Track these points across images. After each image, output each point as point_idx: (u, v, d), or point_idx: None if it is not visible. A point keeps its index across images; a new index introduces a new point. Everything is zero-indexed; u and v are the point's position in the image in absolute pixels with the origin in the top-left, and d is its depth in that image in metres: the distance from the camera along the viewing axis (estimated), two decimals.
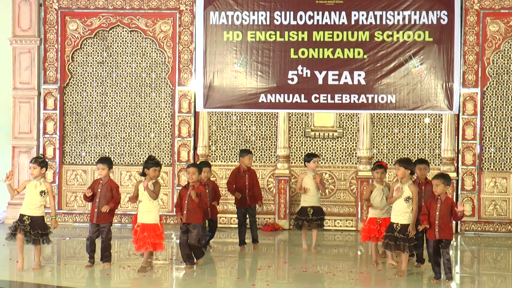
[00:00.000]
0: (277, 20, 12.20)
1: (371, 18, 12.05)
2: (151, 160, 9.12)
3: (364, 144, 12.30)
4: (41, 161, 8.96)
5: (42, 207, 8.91)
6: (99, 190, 9.13)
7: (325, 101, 12.12)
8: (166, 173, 12.43)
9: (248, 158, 10.50)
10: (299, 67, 12.17)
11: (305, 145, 12.59)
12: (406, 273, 8.70)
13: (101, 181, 9.19)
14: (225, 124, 12.68)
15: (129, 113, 12.64)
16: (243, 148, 12.14)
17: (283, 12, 12.18)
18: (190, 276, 8.75)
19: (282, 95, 12.19)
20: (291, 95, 12.17)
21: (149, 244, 8.86)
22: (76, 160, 12.69)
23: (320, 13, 12.12)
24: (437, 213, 8.31)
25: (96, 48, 12.64)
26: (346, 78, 12.08)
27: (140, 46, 12.59)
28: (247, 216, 10.53)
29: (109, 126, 12.67)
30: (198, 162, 11.34)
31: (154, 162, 9.10)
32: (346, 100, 12.08)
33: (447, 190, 8.48)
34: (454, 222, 8.65)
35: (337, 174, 12.51)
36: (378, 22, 12.04)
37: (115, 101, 12.66)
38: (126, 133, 12.66)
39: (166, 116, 12.59)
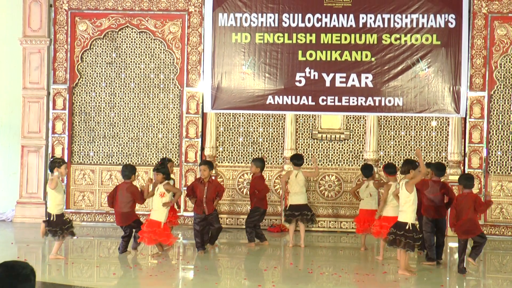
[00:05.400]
0: (285, 23, 12.25)
1: (379, 21, 12.09)
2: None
3: (371, 146, 12.33)
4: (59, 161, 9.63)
5: (59, 205, 9.45)
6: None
7: (333, 103, 12.17)
8: (173, 173, 12.48)
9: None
10: (307, 69, 12.21)
11: (312, 147, 12.62)
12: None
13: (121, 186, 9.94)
14: (232, 125, 12.74)
15: (137, 114, 12.71)
16: (256, 157, 12.17)
17: (291, 15, 12.23)
18: (197, 276, 8.80)
19: (289, 97, 12.24)
20: (298, 97, 12.22)
21: (153, 238, 9.56)
22: (85, 160, 12.77)
23: (328, 15, 12.16)
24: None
25: (105, 48, 12.73)
26: (353, 80, 12.13)
27: (148, 47, 12.66)
28: None
29: (117, 126, 12.75)
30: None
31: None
32: (353, 102, 12.13)
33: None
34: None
35: (344, 176, 12.54)
36: (386, 25, 12.09)
37: (123, 101, 12.73)
38: (134, 133, 12.73)
39: (174, 117, 12.66)
